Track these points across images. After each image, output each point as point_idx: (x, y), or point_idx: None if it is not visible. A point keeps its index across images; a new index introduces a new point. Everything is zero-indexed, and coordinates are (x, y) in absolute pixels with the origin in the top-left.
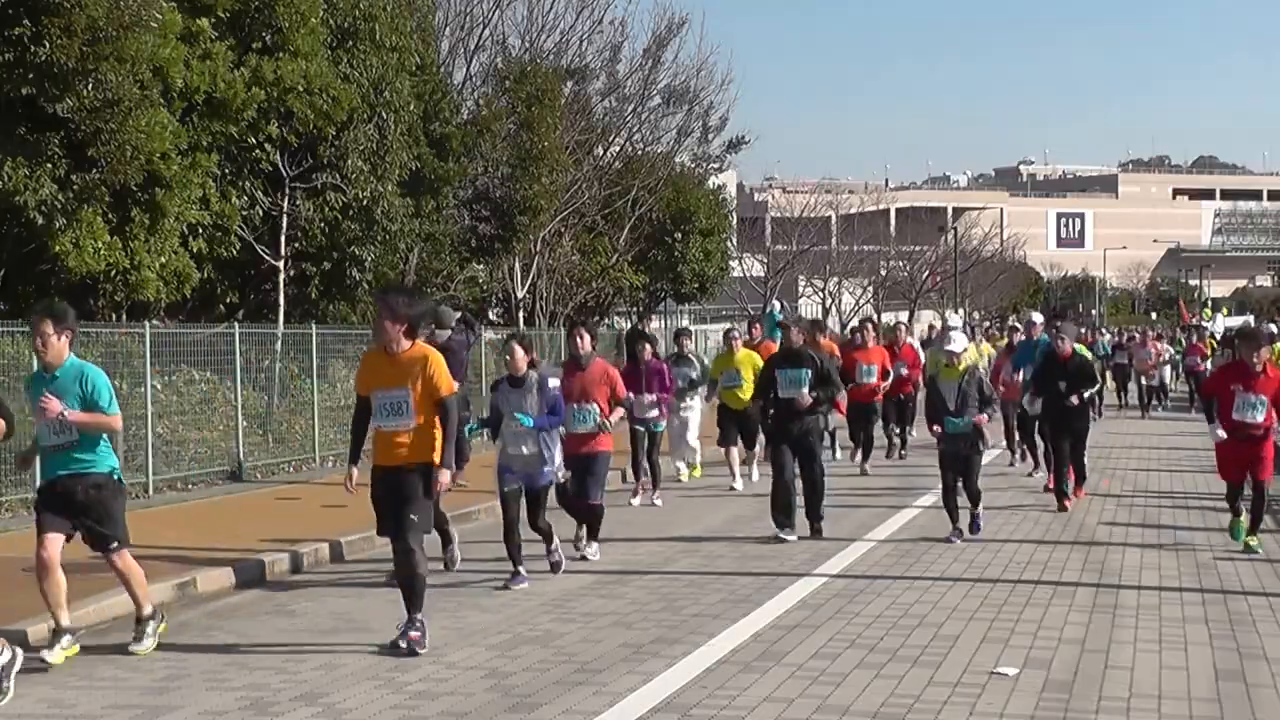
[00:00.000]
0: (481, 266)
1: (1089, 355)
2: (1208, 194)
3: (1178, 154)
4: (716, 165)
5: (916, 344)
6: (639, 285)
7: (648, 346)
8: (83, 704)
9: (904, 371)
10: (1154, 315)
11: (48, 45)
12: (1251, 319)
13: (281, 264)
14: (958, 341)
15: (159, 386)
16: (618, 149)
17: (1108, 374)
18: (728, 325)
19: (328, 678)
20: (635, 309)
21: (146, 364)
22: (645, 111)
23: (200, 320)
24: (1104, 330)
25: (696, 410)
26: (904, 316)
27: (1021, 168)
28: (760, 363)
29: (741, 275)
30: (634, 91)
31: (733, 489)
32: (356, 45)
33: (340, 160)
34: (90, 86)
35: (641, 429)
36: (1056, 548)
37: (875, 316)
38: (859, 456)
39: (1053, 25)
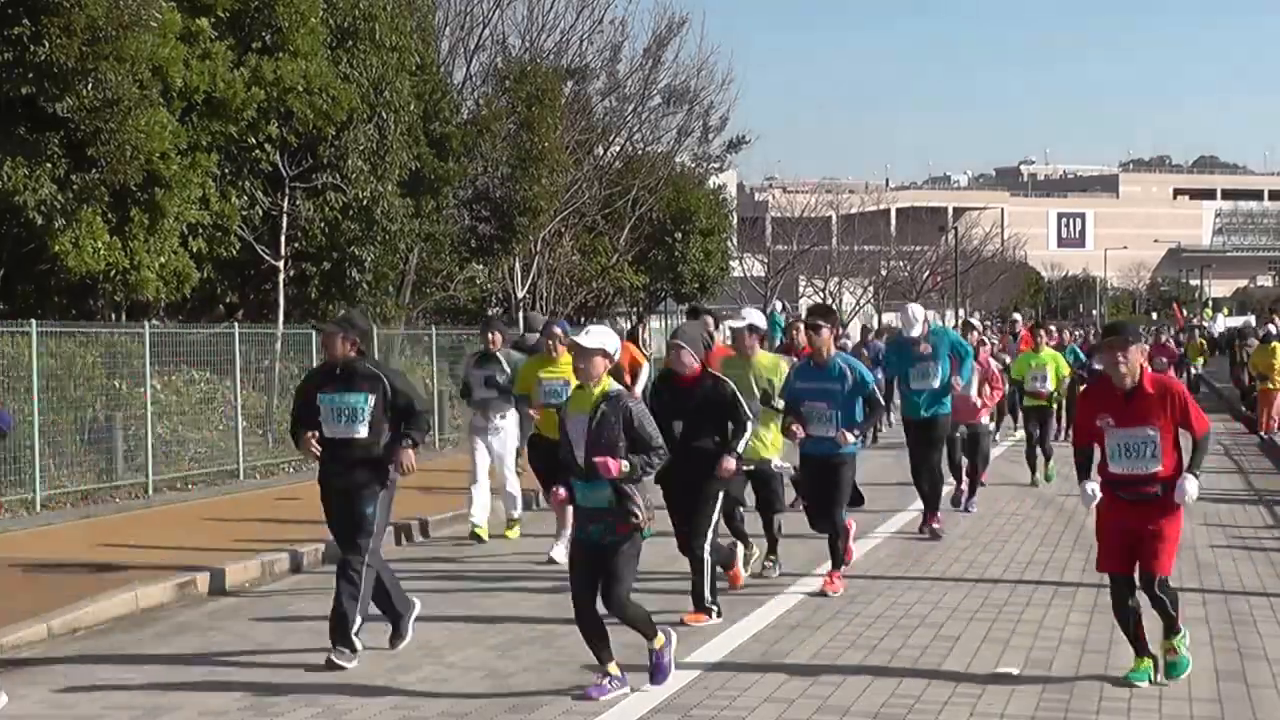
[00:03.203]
0: (481, 267)
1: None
2: (1208, 194)
3: (1178, 154)
4: (717, 165)
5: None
6: (639, 285)
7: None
8: (83, 704)
9: None
10: (1154, 315)
11: (47, 45)
12: (1253, 319)
13: (281, 264)
14: (595, 335)
15: (159, 386)
16: (618, 149)
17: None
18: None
19: (328, 678)
20: (635, 309)
21: (146, 364)
22: (645, 111)
23: (200, 320)
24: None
25: (510, 433)
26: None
27: (1022, 168)
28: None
29: (742, 275)
30: (634, 91)
31: (552, 561)
32: (356, 45)
33: (340, 160)
34: (90, 86)
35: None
36: (1057, 548)
37: (878, 317)
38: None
39: (1053, 24)
